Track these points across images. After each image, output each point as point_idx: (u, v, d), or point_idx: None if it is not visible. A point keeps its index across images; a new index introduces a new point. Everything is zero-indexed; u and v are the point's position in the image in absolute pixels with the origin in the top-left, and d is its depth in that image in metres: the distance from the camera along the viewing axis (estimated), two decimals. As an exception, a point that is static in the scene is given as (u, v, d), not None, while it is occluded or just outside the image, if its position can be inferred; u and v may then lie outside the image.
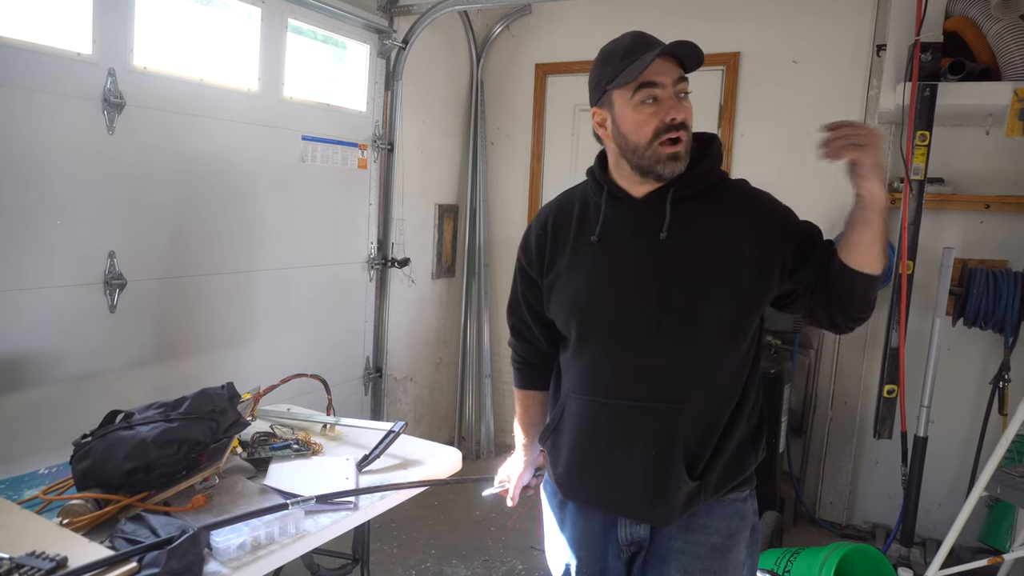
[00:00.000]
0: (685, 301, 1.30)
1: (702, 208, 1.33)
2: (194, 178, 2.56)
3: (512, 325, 1.59)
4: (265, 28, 2.78)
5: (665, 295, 1.30)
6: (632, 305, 1.32)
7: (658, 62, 1.28)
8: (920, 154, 2.71)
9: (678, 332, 1.30)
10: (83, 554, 1.23)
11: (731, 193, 1.37)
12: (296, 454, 1.82)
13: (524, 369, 1.61)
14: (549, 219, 1.46)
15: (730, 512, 1.37)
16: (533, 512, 3.26)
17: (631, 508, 1.35)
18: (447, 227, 4.02)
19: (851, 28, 3.25)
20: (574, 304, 1.39)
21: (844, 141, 1.14)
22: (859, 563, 2.58)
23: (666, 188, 1.33)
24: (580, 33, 3.82)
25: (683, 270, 1.30)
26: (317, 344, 3.22)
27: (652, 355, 1.32)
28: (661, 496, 1.30)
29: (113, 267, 2.31)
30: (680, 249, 1.31)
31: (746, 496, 1.40)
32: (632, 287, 1.33)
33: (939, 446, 3.04)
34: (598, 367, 1.37)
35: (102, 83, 2.21)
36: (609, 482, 1.35)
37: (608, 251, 1.36)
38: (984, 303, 2.83)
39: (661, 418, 1.30)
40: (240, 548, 1.35)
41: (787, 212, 1.37)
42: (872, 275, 1.25)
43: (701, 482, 1.31)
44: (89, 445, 1.50)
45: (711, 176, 1.35)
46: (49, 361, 2.17)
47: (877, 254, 1.24)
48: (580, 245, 1.39)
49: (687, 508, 1.32)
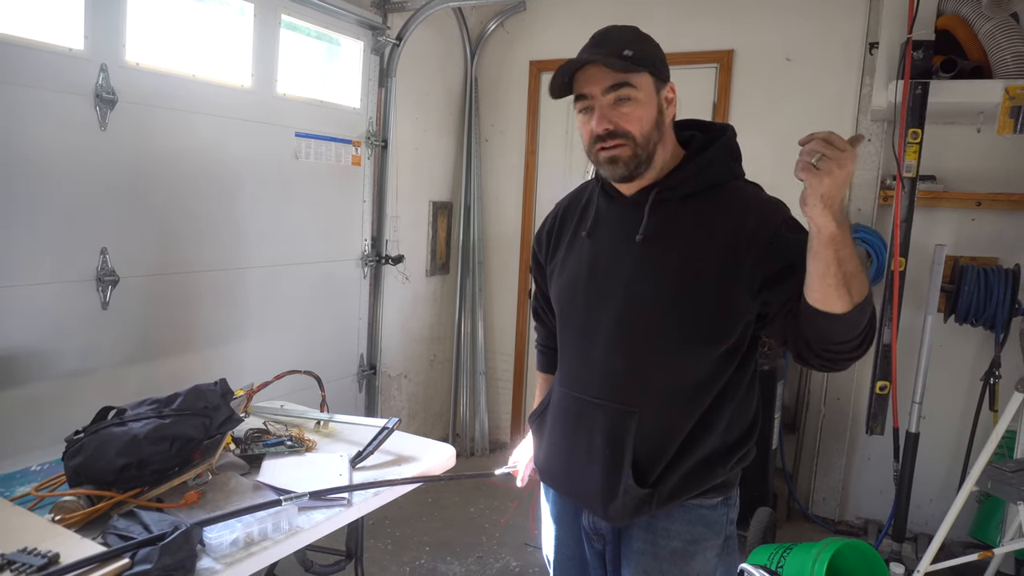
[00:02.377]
0: (646, 306, 1.28)
1: (688, 211, 1.28)
2: (187, 174, 2.55)
3: (533, 308, 1.67)
4: (258, 24, 2.77)
5: (628, 298, 1.29)
6: (600, 304, 1.32)
7: (592, 69, 1.24)
8: (912, 152, 2.72)
9: (635, 337, 1.29)
10: (75, 550, 1.23)
11: (727, 199, 1.28)
12: (289, 450, 1.81)
13: (543, 353, 1.67)
14: (561, 209, 1.51)
15: (693, 518, 1.32)
16: (527, 509, 3.28)
17: (589, 502, 1.37)
18: (441, 224, 4.02)
19: (844, 26, 3.26)
20: (558, 297, 1.43)
21: (806, 158, 1.00)
22: (851, 558, 2.59)
23: (650, 188, 1.30)
24: (574, 30, 3.78)
25: (651, 274, 1.28)
26: (311, 341, 3.22)
27: (613, 357, 1.31)
28: (612, 495, 1.30)
29: (105, 263, 2.30)
30: (653, 252, 1.28)
31: (716, 503, 1.33)
32: (603, 286, 1.33)
33: (931, 442, 3.05)
34: (571, 361, 1.41)
35: (94, 79, 2.20)
36: (573, 473, 1.38)
37: (593, 248, 1.37)
38: (975, 300, 2.85)
39: (615, 421, 1.30)
40: (233, 544, 1.35)
41: (781, 230, 1.22)
42: (830, 313, 1.09)
43: (654, 490, 1.27)
44: (81, 441, 1.49)
45: (701, 178, 1.29)
46: (41, 357, 2.16)
47: (831, 290, 1.06)
48: (575, 239, 1.42)
49: (637, 512, 1.29)
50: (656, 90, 1.26)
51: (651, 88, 1.26)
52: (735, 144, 1.35)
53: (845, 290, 1.06)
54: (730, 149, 1.34)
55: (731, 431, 1.31)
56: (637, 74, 1.23)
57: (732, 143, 1.35)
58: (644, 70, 1.24)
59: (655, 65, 1.26)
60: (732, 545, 1.39)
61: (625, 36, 1.28)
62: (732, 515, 1.37)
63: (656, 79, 1.26)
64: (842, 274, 1.05)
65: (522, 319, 4.18)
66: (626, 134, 1.25)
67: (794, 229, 1.23)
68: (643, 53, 1.25)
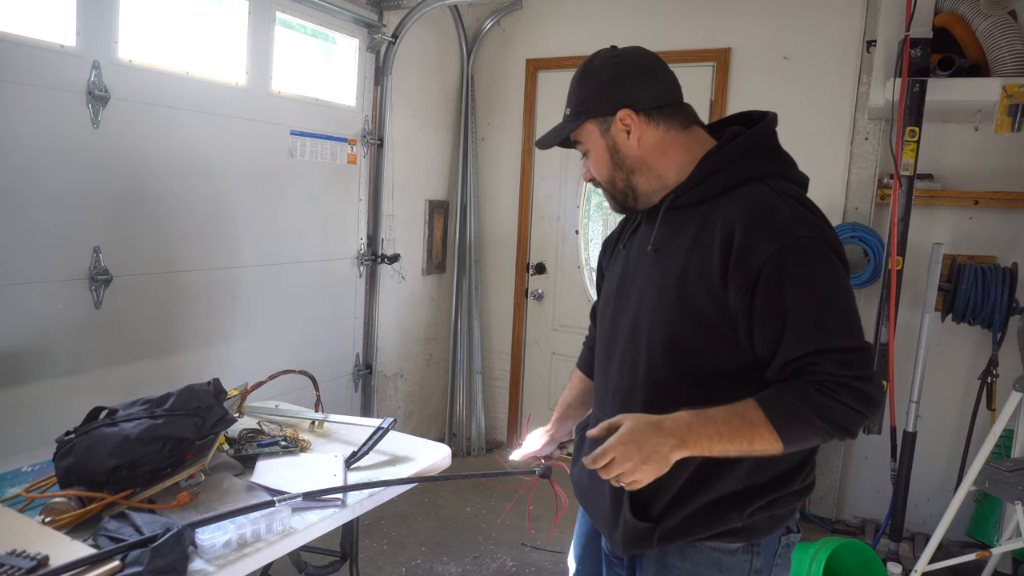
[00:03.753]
0: (648, 322, 1.20)
1: (698, 216, 1.18)
2: (180, 172, 2.53)
3: (592, 307, 1.59)
4: (253, 21, 2.75)
5: (636, 313, 1.23)
6: (619, 319, 1.28)
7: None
8: (910, 150, 2.72)
9: (640, 354, 1.21)
10: (65, 552, 1.21)
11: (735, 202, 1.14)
12: (284, 451, 1.80)
13: (583, 349, 1.63)
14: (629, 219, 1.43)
15: (705, 561, 1.20)
16: (523, 509, 3.27)
17: (601, 524, 1.33)
18: (437, 223, 4.00)
19: (841, 24, 3.25)
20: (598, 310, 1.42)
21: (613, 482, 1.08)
22: (848, 558, 2.59)
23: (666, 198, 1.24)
24: (571, 28, 3.81)
25: (657, 286, 1.20)
26: (306, 340, 3.20)
27: (622, 375, 1.25)
28: (615, 524, 1.24)
29: (98, 262, 2.28)
30: (658, 264, 1.21)
31: (734, 549, 1.19)
32: (623, 300, 1.28)
33: (928, 441, 3.05)
34: (596, 377, 1.38)
35: (86, 76, 2.18)
36: (592, 494, 1.34)
37: (623, 260, 1.34)
38: (973, 299, 2.84)
39: None
40: (226, 546, 1.33)
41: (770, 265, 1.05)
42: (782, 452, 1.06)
43: (656, 526, 1.18)
44: (72, 442, 1.48)
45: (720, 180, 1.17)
46: (33, 357, 2.14)
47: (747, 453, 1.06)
48: (616, 252, 1.40)
49: (636, 546, 1.20)
50: (603, 132, 1.24)
51: (596, 135, 1.26)
52: (766, 136, 1.21)
53: (753, 446, 1.05)
54: (758, 142, 1.20)
55: (759, 473, 1.15)
56: (579, 129, 1.27)
57: (761, 135, 1.20)
58: (580, 122, 1.26)
59: (589, 109, 1.24)
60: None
61: (571, 86, 1.29)
62: (758, 565, 1.20)
63: (601, 119, 1.24)
64: (737, 448, 1.05)
65: (518, 318, 4.17)
66: (600, 180, 1.30)
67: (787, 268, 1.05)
68: (580, 101, 1.26)
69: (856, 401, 1.03)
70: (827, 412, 1.03)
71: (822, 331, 1.05)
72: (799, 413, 1.04)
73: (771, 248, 1.06)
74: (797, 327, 1.05)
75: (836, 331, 1.05)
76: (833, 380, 1.03)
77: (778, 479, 1.17)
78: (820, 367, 1.04)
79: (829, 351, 1.04)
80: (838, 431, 1.05)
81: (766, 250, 1.06)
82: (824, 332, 1.05)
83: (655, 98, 1.23)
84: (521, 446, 1.63)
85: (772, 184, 1.15)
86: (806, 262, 1.06)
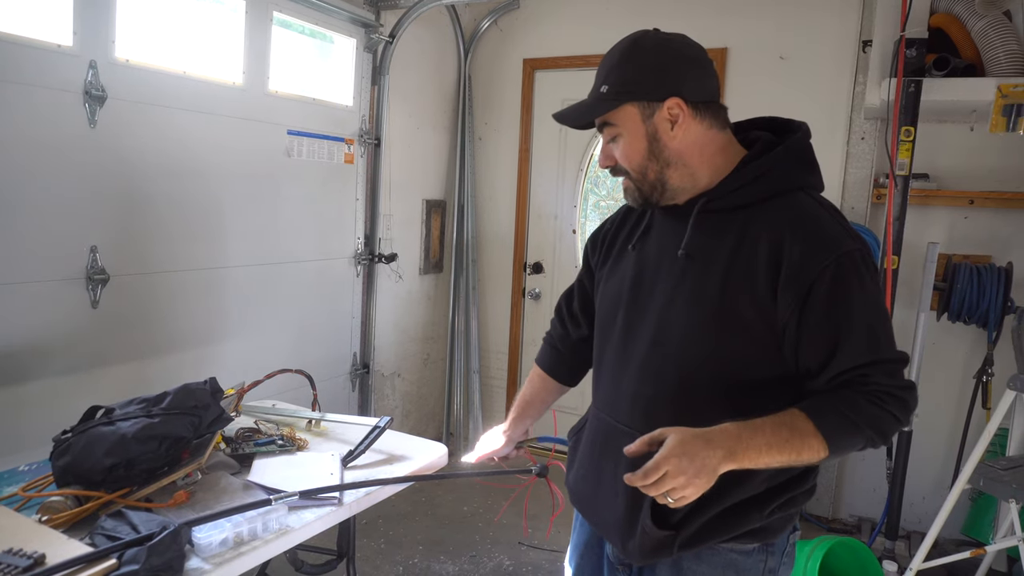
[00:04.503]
0: (679, 330, 1.16)
1: (737, 224, 1.14)
2: (178, 172, 2.53)
3: (557, 304, 1.56)
4: (250, 21, 2.75)
5: (663, 319, 1.18)
6: (637, 323, 1.22)
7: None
8: (905, 150, 2.73)
9: (667, 362, 1.17)
10: (62, 551, 1.21)
11: (780, 213, 1.12)
12: (280, 450, 1.80)
13: (544, 346, 1.59)
14: (619, 217, 1.40)
15: (723, 562, 1.19)
16: (520, 508, 3.27)
17: (609, 534, 1.28)
18: (435, 222, 4.01)
19: (837, 24, 3.26)
20: (599, 310, 1.34)
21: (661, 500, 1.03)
22: (844, 556, 2.60)
23: (697, 198, 1.18)
24: (568, 28, 3.81)
25: (689, 293, 1.15)
26: (303, 340, 3.20)
27: (643, 382, 1.21)
28: (631, 533, 1.19)
29: (95, 262, 2.28)
30: (694, 270, 1.16)
31: (750, 550, 1.19)
32: (643, 304, 1.22)
33: (923, 440, 3.06)
34: (605, 381, 1.31)
35: (83, 75, 2.18)
36: (598, 501, 1.29)
37: (638, 261, 1.26)
38: (968, 298, 2.85)
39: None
40: (222, 544, 1.33)
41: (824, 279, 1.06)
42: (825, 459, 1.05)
43: (676, 533, 1.15)
44: (69, 441, 1.48)
45: (756, 188, 1.14)
46: (30, 357, 2.14)
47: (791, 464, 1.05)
48: (623, 250, 1.32)
49: (655, 554, 1.17)
50: (645, 117, 1.15)
51: (636, 119, 1.16)
52: (806, 146, 1.20)
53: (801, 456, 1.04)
54: (798, 152, 1.18)
55: (779, 475, 1.15)
56: (617, 110, 1.16)
57: (801, 145, 1.19)
58: (620, 103, 1.16)
59: (634, 91, 1.15)
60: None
61: (610, 62, 1.19)
62: (772, 564, 1.21)
63: (645, 104, 1.15)
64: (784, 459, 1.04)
65: (515, 317, 4.18)
66: (624, 170, 1.20)
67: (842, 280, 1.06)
68: (623, 80, 1.15)
69: (900, 410, 1.07)
70: (876, 422, 1.06)
71: (876, 343, 1.07)
72: (848, 423, 1.05)
73: (824, 261, 1.06)
74: (853, 339, 1.06)
75: (887, 343, 1.09)
76: (882, 390, 1.06)
77: (794, 479, 1.18)
78: (872, 378, 1.06)
79: (881, 363, 1.07)
80: (881, 439, 1.07)
81: (819, 263, 1.06)
82: (878, 344, 1.07)
83: (706, 92, 1.18)
84: (475, 448, 1.61)
85: (812, 195, 1.16)
86: (858, 275, 1.07)
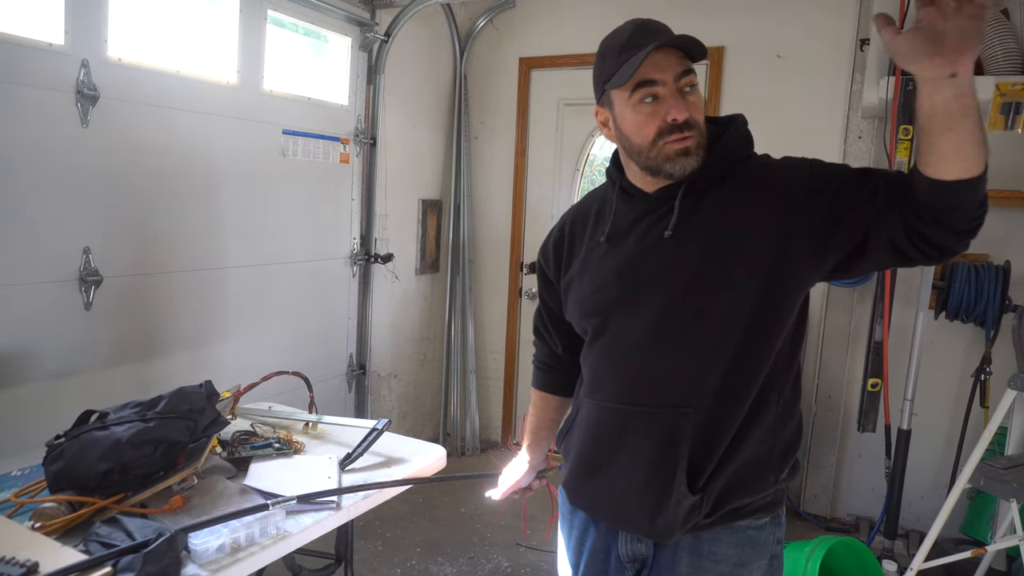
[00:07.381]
0: (691, 302, 1.21)
1: (713, 199, 1.23)
2: (171, 172, 2.51)
3: (534, 326, 1.57)
4: (244, 20, 2.73)
5: (669, 296, 1.22)
6: (636, 307, 1.25)
7: (658, 55, 1.17)
8: (904, 148, 2.72)
9: (682, 335, 1.22)
10: (55, 559, 1.19)
11: (744, 178, 1.24)
12: (277, 453, 1.78)
13: (539, 370, 1.59)
14: (567, 222, 1.43)
15: (741, 540, 1.26)
16: (519, 510, 3.26)
17: (631, 519, 1.27)
18: (431, 222, 3.99)
19: (835, 23, 3.25)
20: (583, 307, 1.35)
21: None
22: (844, 556, 2.59)
23: (679, 184, 1.23)
24: (564, 27, 3.80)
25: (689, 269, 1.21)
26: (299, 341, 3.18)
27: (657, 359, 1.23)
28: (661, 507, 1.21)
29: (88, 263, 2.26)
30: (688, 247, 1.21)
31: (763, 524, 1.27)
32: (637, 288, 1.25)
33: (922, 439, 3.06)
34: (605, 371, 1.32)
35: (75, 75, 2.16)
36: (611, 490, 1.29)
37: (617, 251, 1.29)
38: (966, 297, 2.85)
39: (666, 425, 1.21)
40: (219, 550, 1.32)
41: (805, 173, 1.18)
42: (974, 178, 1.08)
43: (703, 494, 1.20)
44: (62, 446, 1.46)
45: (721, 166, 1.24)
46: (22, 360, 2.11)
47: (973, 151, 1.05)
48: (593, 246, 1.34)
49: (687, 522, 1.21)
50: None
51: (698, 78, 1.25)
52: (748, 132, 1.31)
53: (978, 147, 1.04)
54: (743, 135, 1.30)
55: (783, 428, 1.25)
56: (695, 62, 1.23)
57: (745, 130, 1.31)
58: (702, 58, 1.22)
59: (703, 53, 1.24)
60: (778, 565, 1.31)
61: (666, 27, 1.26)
62: (779, 534, 1.30)
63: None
64: (974, 133, 1.02)
65: (512, 317, 4.16)
66: (696, 124, 1.20)
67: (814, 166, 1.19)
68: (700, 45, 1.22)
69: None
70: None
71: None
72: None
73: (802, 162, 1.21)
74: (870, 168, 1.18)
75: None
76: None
77: (793, 436, 1.28)
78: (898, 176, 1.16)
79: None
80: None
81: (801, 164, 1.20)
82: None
83: None
84: (498, 484, 1.62)
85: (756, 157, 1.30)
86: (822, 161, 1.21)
